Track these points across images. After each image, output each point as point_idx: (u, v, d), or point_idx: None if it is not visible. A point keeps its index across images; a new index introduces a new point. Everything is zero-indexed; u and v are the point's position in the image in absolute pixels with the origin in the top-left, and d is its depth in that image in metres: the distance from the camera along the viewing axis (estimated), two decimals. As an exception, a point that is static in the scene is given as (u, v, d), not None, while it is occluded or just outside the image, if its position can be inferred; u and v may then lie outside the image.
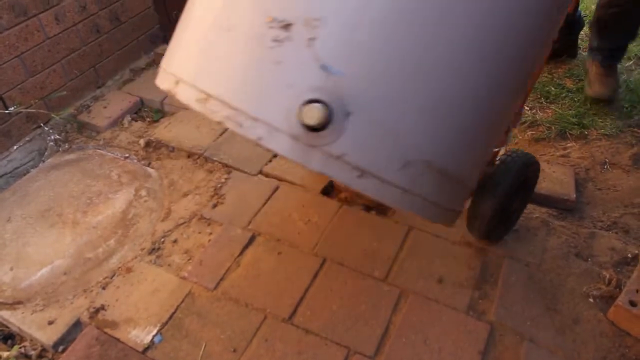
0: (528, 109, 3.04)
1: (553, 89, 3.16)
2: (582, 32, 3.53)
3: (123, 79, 3.40)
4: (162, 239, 2.33)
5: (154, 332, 1.97)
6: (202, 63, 1.35)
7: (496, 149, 1.84)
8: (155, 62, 3.52)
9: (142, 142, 2.86)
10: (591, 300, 2.00)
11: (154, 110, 3.16)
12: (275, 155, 2.71)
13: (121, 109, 3.10)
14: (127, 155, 2.83)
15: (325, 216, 2.37)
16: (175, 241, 2.31)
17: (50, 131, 2.97)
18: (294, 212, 2.39)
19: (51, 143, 2.95)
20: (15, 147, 2.84)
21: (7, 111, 2.76)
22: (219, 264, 2.18)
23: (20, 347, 2.01)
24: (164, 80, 1.48)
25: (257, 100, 1.22)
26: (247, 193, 2.50)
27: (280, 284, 2.09)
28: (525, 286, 2.04)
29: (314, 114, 1.14)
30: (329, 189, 2.54)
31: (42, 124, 2.95)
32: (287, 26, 1.20)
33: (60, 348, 2.00)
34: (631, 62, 3.37)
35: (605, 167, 2.64)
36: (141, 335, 1.96)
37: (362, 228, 2.31)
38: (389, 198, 1.24)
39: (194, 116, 3.00)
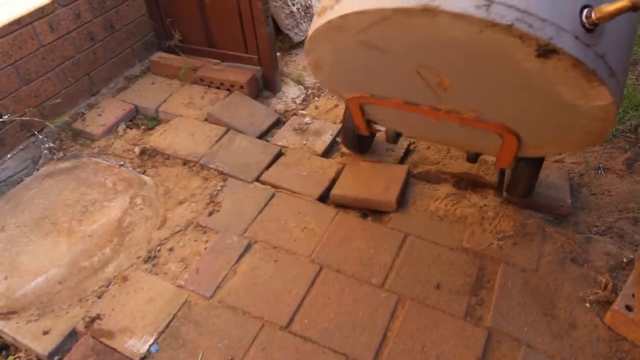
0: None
1: (546, 95, 3.18)
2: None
3: (118, 87, 3.39)
4: (158, 247, 2.32)
5: (151, 341, 1.95)
6: None
7: None
8: (150, 70, 3.52)
9: (137, 149, 2.86)
10: (588, 305, 2.00)
11: (149, 117, 3.15)
12: (271, 163, 2.71)
13: (116, 116, 3.09)
14: (122, 163, 2.82)
15: (321, 223, 2.37)
16: (171, 249, 2.30)
17: (45, 139, 2.95)
18: (291, 219, 2.39)
19: (45, 151, 2.94)
20: (9, 156, 2.82)
21: (0, 119, 2.74)
22: (216, 272, 2.17)
23: (15, 358, 1.99)
24: None
25: (545, 3, 1.40)
26: (243, 200, 2.50)
27: (278, 291, 2.09)
28: (521, 292, 2.05)
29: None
30: (325, 196, 2.54)
31: (36, 132, 2.94)
32: None
33: (56, 358, 1.98)
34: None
35: (599, 172, 2.66)
36: (138, 344, 1.95)
37: (358, 235, 2.31)
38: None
39: (189, 124, 3.00)
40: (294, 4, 3.86)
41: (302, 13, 3.93)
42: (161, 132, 2.95)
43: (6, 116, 2.76)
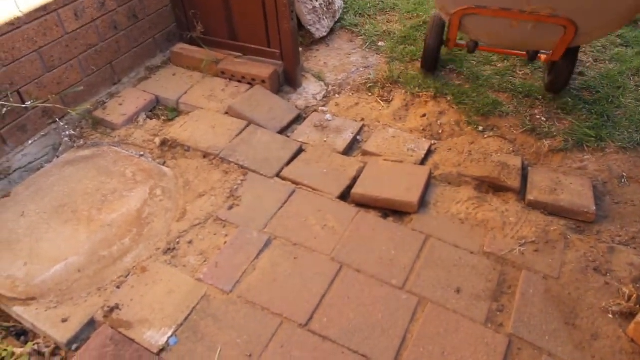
0: (544, 119, 3.03)
1: (570, 100, 3.15)
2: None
3: (139, 77, 3.39)
4: (178, 240, 2.31)
5: (169, 333, 1.95)
6: None
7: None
8: (171, 61, 3.51)
9: (157, 140, 2.85)
10: (610, 316, 1.98)
11: (169, 108, 3.15)
12: (292, 159, 2.70)
13: (137, 106, 3.09)
14: (142, 153, 2.81)
15: (342, 222, 2.35)
16: (190, 242, 2.30)
17: (66, 127, 2.96)
18: (311, 217, 2.38)
19: (66, 139, 2.94)
20: (30, 142, 2.83)
21: (23, 105, 2.75)
22: (235, 266, 2.17)
23: (34, 344, 2.00)
24: None
25: None
26: (263, 196, 2.49)
27: (297, 289, 2.08)
28: (543, 299, 2.03)
29: None
30: (345, 194, 2.53)
31: (57, 119, 2.94)
32: None
33: (74, 346, 1.99)
34: (649, 76, 3.36)
35: (623, 180, 2.62)
36: (156, 336, 1.95)
37: (379, 235, 2.29)
38: None
39: (210, 117, 2.99)
40: (317, 0, 3.84)
41: (325, 9, 3.90)
42: (182, 124, 2.95)
43: (29, 102, 2.76)
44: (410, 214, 2.41)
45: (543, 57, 3.14)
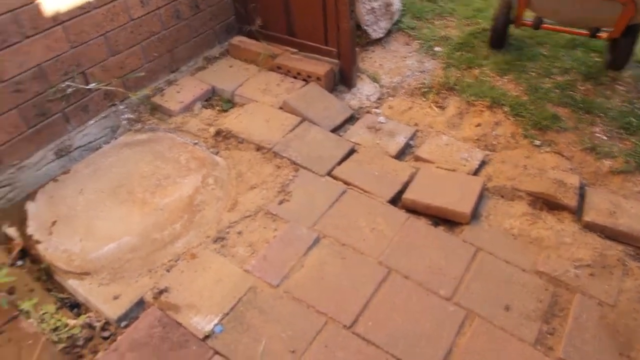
0: (605, 138, 2.93)
1: (634, 120, 3.03)
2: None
3: (196, 66, 3.44)
4: (227, 229, 2.34)
5: (216, 321, 1.98)
6: None
7: None
8: (228, 52, 3.56)
9: (212, 130, 2.90)
10: (668, 349, 1.90)
11: (224, 100, 3.19)
12: (344, 159, 2.70)
13: (193, 95, 3.14)
14: (196, 141, 2.86)
15: (392, 226, 2.34)
16: (240, 233, 2.32)
17: (125, 110, 3.04)
18: (361, 218, 2.37)
19: (124, 121, 3.02)
20: (91, 122, 2.92)
21: (87, 87, 2.83)
22: (283, 261, 2.18)
23: (86, 317, 2.06)
24: None
25: None
26: (314, 193, 2.49)
27: (344, 290, 2.08)
28: (597, 326, 1.96)
29: None
30: (396, 199, 2.51)
31: (117, 102, 3.02)
32: None
33: (123, 323, 2.04)
34: None
35: (687, 209, 2.51)
36: (202, 322, 1.98)
37: (429, 243, 2.27)
38: None
39: (264, 110, 3.01)
40: (376, 1, 3.82)
41: (383, 10, 3.88)
42: (236, 116, 2.98)
43: (93, 84, 2.85)
44: (462, 225, 2.37)
45: (604, 34, 3.27)
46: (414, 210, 2.45)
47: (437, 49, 3.83)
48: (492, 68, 3.54)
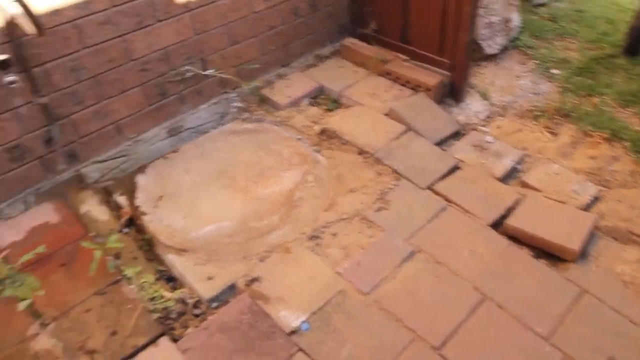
0: None
1: None
2: None
3: (307, 63, 3.50)
4: (323, 229, 2.35)
5: (303, 318, 2.00)
6: None
7: None
8: (339, 53, 3.58)
9: (317, 128, 2.93)
10: None
11: (331, 99, 3.22)
12: (446, 174, 2.63)
13: (302, 91, 3.19)
14: (299, 137, 2.91)
15: (491, 251, 2.24)
16: (335, 234, 2.33)
17: (235, 98, 3.15)
18: (459, 238, 2.30)
19: (233, 109, 3.13)
20: (203, 106, 3.05)
21: (205, 72, 2.96)
22: (376, 270, 2.16)
23: (181, 292, 2.15)
24: None
25: None
26: (413, 205, 2.45)
27: (435, 309, 2.02)
28: None
29: None
30: (498, 223, 2.40)
31: (229, 91, 3.14)
32: None
33: (214, 304, 2.11)
34: None
35: None
36: (290, 317, 2.00)
37: (529, 275, 2.15)
38: None
39: (370, 115, 3.00)
40: (495, 15, 3.69)
41: (502, 25, 3.74)
42: (342, 116, 2.99)
43: (211, 70, 2.97)
44: (567, 262, 2.23)
45: None
46: (516, 238, 2.33)
47: (554, 71, 3.63)
48: (615, 98, 3.30)
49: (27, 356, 1.89)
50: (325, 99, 3.23)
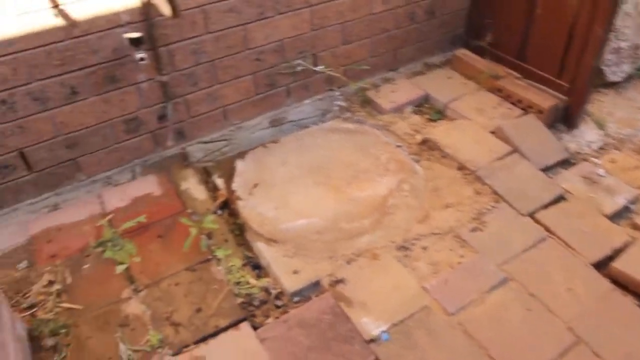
0: None
1: None
2: None
3: (414, 70, 3.45)
4: (414, 241, 2.31)
5: (384, 328, 1.97)
6: None
7: None
8: (449, 63, 3.49)
9: (418, 137, 2.88)
10: None
11: (435, 109, 3.15)
12: (550, 204, 2.48)
13: (407, 98, 3.15)
14: (399, 144, 2.87)
15: (591, 292, 2.09)
16: (425, 248, 2.28)
17: (339, 97, 3.16)
18: (556, 274, 2.16)
19: (336, 108, 3.15)
20: (307, 101, 3.10)
21: (314, 68, 3.00)
22: (464, 292, 2.08)
23: (267, 281, 2.19)
24: None
25: None
26: (511, 231, 2.34)
27: (523, 343, 1.92)
28: None
29: None
30: (602, 264, 2.24)
31: (334, 88, 3.16)
32: None
33: (296, 299, 2.13)
34: None
35: None
36: (371, 325, 1.98)
37: (632, 325, 1.98)
38: None
39: (475, 130, 2.90)
40: (625, 40, 3.43)
41: (630, 52, 3.47)
42: (446, 128, 2.92)
43: (320, 67, 3.01)
44: (678, 318, 2.03)
45: None
46: (621, 283, 2.16)
47: (685, 107, 3.32)
48: None
49: (118, 317, 2.01)
50: (429, 109, 3.17)
